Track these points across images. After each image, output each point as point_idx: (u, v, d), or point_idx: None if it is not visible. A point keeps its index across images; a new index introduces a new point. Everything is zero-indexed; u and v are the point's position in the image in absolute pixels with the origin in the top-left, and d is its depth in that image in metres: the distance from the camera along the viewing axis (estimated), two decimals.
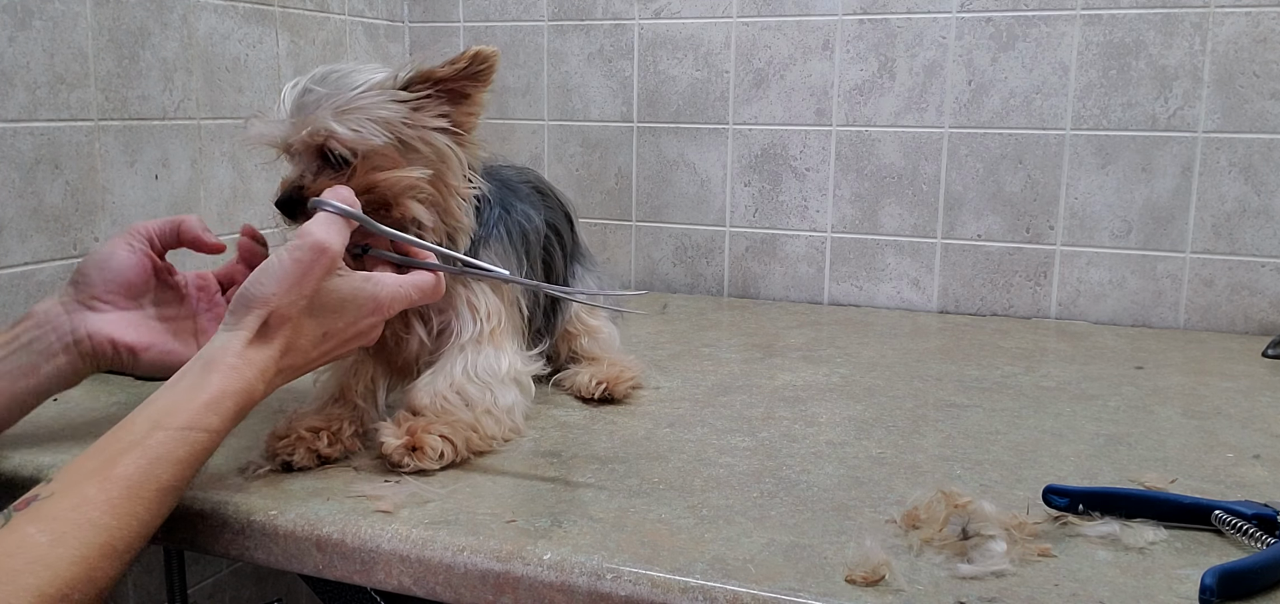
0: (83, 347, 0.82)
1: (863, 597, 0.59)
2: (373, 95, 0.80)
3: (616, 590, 0.61)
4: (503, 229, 0.89)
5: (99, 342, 0.82)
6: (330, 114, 0.78)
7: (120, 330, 0.84)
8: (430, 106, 0.81)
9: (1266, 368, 1.14)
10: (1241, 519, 0.67)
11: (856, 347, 1.21)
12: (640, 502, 0.72)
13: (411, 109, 0.81)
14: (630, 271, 1.59)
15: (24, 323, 0.81)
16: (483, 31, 1.60)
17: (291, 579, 1.34)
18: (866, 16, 1.41)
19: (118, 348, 0.83)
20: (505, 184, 0.92)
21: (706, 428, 0.89)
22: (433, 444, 0.77)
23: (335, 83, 0.80)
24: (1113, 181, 1.34)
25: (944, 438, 0.87)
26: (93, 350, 0.83)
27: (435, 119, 0.82)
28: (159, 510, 0.64)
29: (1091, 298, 1.37)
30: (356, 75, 0.81)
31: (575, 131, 1.58)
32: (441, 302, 0.84)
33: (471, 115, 0.84)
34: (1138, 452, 0.85)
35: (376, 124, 0.79)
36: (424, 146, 0.81)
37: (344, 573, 0.69)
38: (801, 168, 1.47)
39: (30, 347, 0.81)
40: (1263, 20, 1.25)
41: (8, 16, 1.02)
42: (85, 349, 0.82)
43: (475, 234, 0.86)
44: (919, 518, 0.68)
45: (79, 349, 0.82)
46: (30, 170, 1.05)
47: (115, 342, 0.83)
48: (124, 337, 0.83)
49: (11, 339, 0.81)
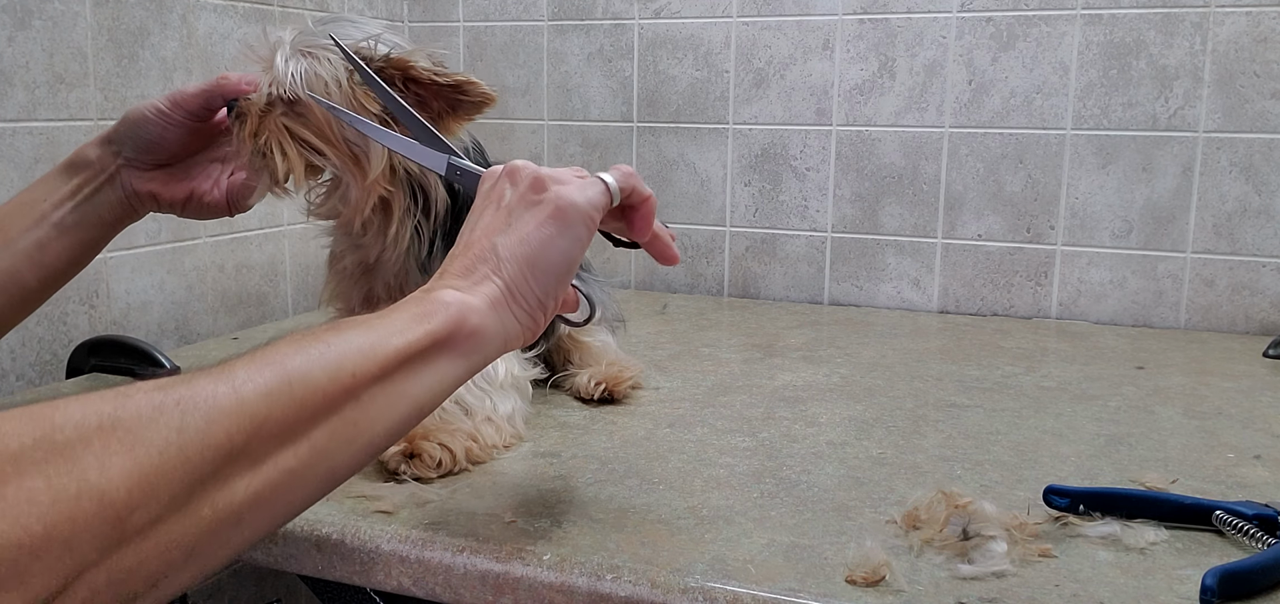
0: (133, 200, 0.89)
1: (863, 597, 0.59)
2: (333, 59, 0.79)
3: (616, 590, 0.61)
4: None
5: (144, 196, 0.89)
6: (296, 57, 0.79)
7: (163, 186, 0.89)
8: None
9: (1267, 368, 1.13)
10: (1242, 519, 0.67)
11: (857, 347, 1.21)
12: (640, 502, 0.72)
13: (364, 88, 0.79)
14: (630, 271, 1.59)
15: (83, 172, 0.87)
16: (483, 31, 1.60)
17: (291, 579, 1.34)
18: (866, 16, 1.41)
19: (160, 201, 0.90)
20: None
21: (706, 428, 0.89)
22: (431, 452, 0.76)
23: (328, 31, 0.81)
24: (1113, 181, 1.34)
25: (944, 438, 0.87)
26: (142, 203, 0.89)
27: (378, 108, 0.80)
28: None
29: (1092, 298, 1.37)
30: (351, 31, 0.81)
31: (575, 131, 1.58)
32: None
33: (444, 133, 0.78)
34: (1138, 452, 0.85)
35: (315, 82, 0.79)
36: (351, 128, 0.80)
37: (344, 573, 0.68)
38: (801, 168, 1.47)
39: (94, 198, 0.87)
40: (1263, 20, 1.25)
41: (7, 16, 1.01)
42: (135, 202, 0.89)
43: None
44: (919, 518, 0.68)
45: (131, 203, 0.89)
46: (30, 170, 1.05)
47: (158, 196, 0.89)
48: (167, 192, 0.90)
49: (76, 191, 0.86)
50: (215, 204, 0.92)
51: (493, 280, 0.61)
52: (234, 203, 0.93)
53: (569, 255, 0.63)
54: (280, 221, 1.38)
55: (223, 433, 0.46)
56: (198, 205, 0.91)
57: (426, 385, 0.57)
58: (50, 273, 0.85)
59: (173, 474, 0.44)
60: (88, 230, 0.86)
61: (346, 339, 0.54)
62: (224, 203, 0.92)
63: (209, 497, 0.46)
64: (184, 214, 0.92)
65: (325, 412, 0.52)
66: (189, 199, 0.91)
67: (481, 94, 0.78)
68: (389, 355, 0.55)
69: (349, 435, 0.53)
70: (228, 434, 0.46)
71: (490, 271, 0.61)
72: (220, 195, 0.92)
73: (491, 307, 0.60)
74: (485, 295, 0.60)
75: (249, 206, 0.93)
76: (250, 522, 0.48)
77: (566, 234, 0.62)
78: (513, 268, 0.61)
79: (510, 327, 0.61)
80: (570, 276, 0.64)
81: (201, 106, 0.87)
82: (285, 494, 0.50)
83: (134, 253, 1.17)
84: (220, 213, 0.93)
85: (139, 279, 1.18)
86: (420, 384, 0.56)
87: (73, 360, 1.06)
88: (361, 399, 0.53)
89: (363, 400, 0.53)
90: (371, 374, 0.54)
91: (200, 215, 0.93)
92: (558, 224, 0.62)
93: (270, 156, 0.82)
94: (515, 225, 0.62)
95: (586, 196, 0.63)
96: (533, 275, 0.61)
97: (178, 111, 0.87)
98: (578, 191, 0.63)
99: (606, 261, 1.58)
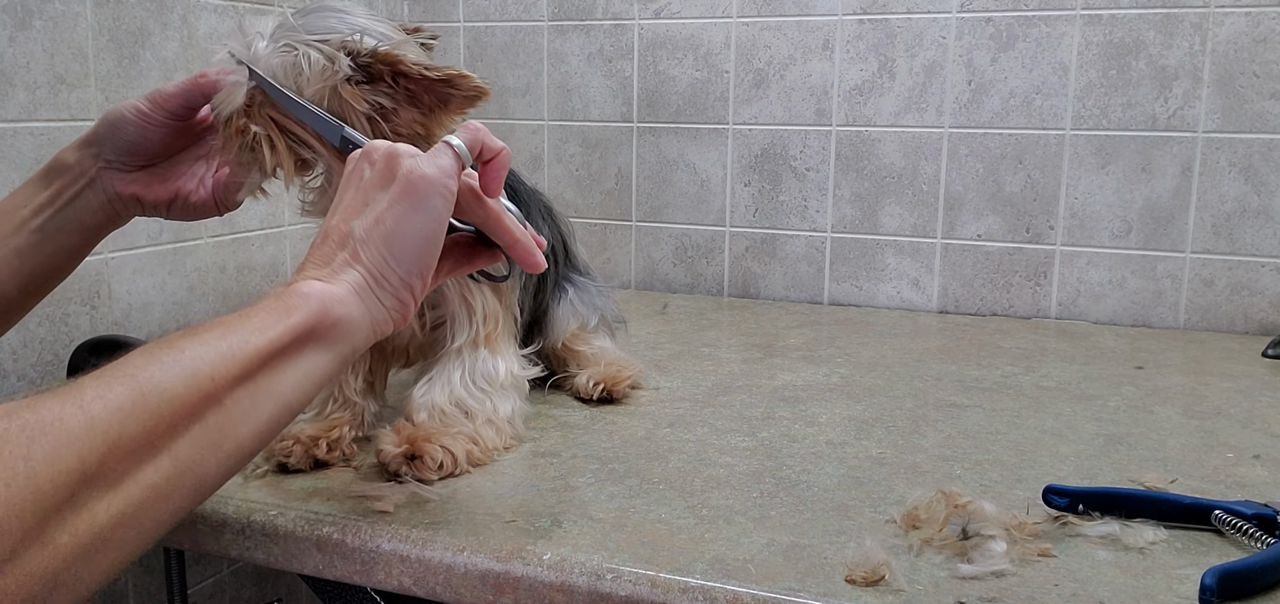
0: (116, 203, 0.85)
1: (863, 597, 0.59)
2: (321, 49, 0.75)
3: (616, 590, 0.61)
4: None
5: (127, 199, 0.85)
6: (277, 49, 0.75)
7: (145, 188, 0.86)
8: (378, 92, 0.75)
9: (1266, 368, 1.14)
10: (1241, 519, 0.67)
11: (856, 347, 1.21)
12: (640, 502, 0.72)
13: (354, 83, 0.75)
14: (630, 271, 1.59)
15: (61, 177, 0.83)
16: (482, 31, 1.60)
17: (291, 579, 1.34)
18: (866, 16, 1.41)
19: (144, 204, 0.86)
20: (520, 197, 0.91)
21: (706, 428, 0.89)
22: (433, 453, 0.76)
23: (313, 21, 0.76)
24: (1113, 181, 1.34)
25: (944, 438, 0.87)
26: (125, 207, 0.86)
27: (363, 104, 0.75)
28: None
29: (1091, 298, 1.37)
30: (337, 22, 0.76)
31: (575, 131, 1.58)
32: (434, 296, 0.83)
33: (432, 128, 0.77)
34: (1138, 452, 0.85)
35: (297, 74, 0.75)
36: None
37: (344, 573, 0.69)
38: (801, 168, 1.47)
39: (75, 203, 0.83)
40: (1263, 20, 1.25)
41: (8, 16, 1.02)
42: (118, 206, 0.85)
43: None
44: (919, 518, 0.68)
45: (113, 206, 0.85)
46: (30, 171, 1.04)
47: (141, 198, 0.86)
48: (150, 194, 0.86)
49: (55, 196, 0.83)
50: (202, 203, 0.89)
51: (354, 267, 0.60)
52: (221, 201, 0.90)
53: (427, 230, 0.62)
54: (281, 222, 1.38)
55: (74, 456, 0.44)
56: (184, 206, 0.88)
57: (293, 382, 0.56)
58: (31, 281, 0.82)
59: (23, 506, 0.42)
60: (70, 236, 0.83)
61: (204, 343, 0.52)
62: (211, 201, 0.89)
63: (66, 523, 0.44)
64: (170, 216, 0.89)
65: (186, 421, 0.50)
66: (174, 200, 0.87)
67: (473, 88, 0.75)
68: (250, 356, 0.53)
69: (214, 442, 0.51)
70: (79, 457, 0.45)
71: (350, 258, 0.60)
72: (206, 194, 0.89)
73: (355, 294, 0.59)
74: (347, 283, 0.59)
75: (237, 203, 0.90)
76: (119, 542, 0.47)
77: (422, 209, 0.61)
78: (372, 251, 0.60)
79: (377, 312, 0.61)
80: (435, 250, 0.63)
81: (182, 105, 0.84)
82: (152, 511, 0.48)
83: (136, 253, 1.17)
84: (209, 212, 0.90)
85: (140, 279, 1.18)
86: (286, 381, 0.55)
87: (74, 360, 1.06)
88: (225, 404, 0.52)
89: (226, 405, 0.52)
90: (233, 377, 0.52)
91: (187, 216, 0.89)
92: (412, 200, 0.61)
93: (259, 151, 0.78)
94: (371, 207, 0.61)
95: (436, 165, 0.62)
96: (393, 256, 0.61)
97: (158, 111, 0.84)
98: (427, 163, 0.62)
99: (607, 262, 1.58)
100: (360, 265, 0.60)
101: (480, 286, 0.84)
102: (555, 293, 0.98)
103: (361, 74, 0.75)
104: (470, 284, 0.84)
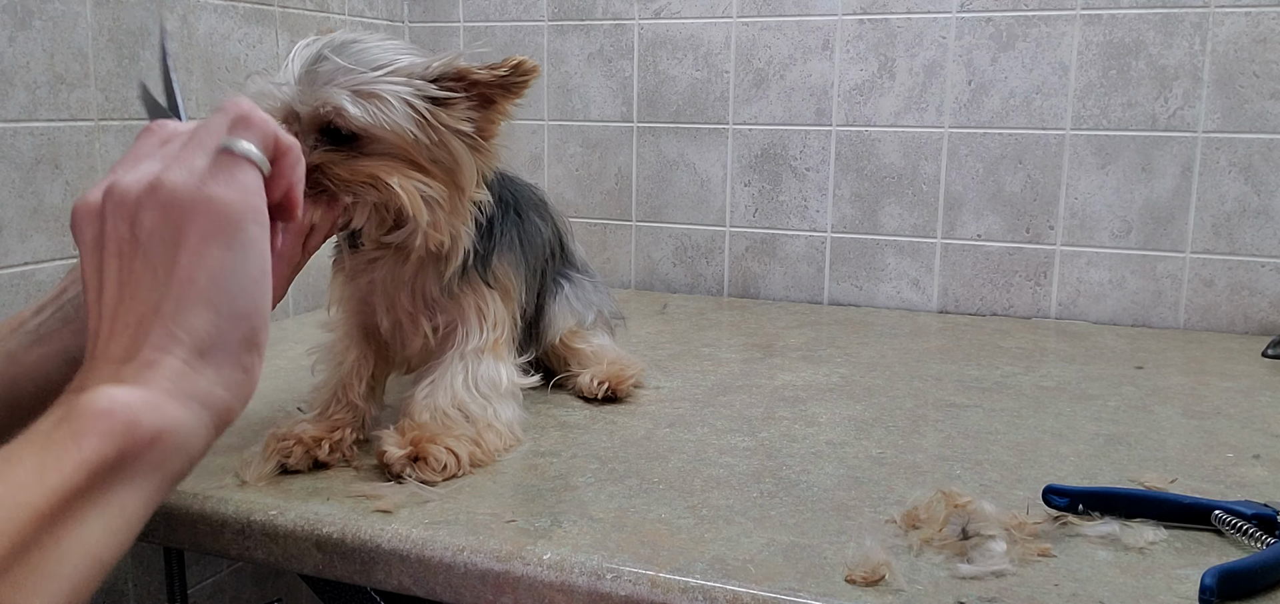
0: None
1: (863, 597, 0.59)
2: (395, 82, 0.73)
3: (616, 590, 0.61)
4: (516, 235, 0.88)
5: None
6: (346, 91, 0.72)
7: None
8: (457, 107, 0.76)
9: (1266, 368, 1.14)
10: (1241, 519, 0.67)
11: (856, 347, 1.21)
12: (640, 502, 0.72)
13: (435, 105, 0.74)
14: (630, 271, 1.59)
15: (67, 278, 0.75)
16: (483, 31, 1.60)
17: (291, 579, 1.34)
18: (866, 16, 1.41)
19: None
20: (519, 194, 0.91)
21: (706, 428, 0.89)
22: (437, 455, 0.76)
23: (355, 56, 0.74)
24: (1112, 181, 1.34)
25: (944, 438, 0.87)
26: None
27: (460, 121, 0.76)
28: None
29: (1091, 298, 1.37)
30: (378, 52, 0.75)
31: (575, 131, 1.58)
32: (444, 302, 0.83)
33: (494, 123, 0.78)
34: (1138, 452, 0.85)
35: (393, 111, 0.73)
36: (438, 148, 0.75)
37: (344, 573, 0.69)
38: (801, 168, 1.47)
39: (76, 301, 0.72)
40: (1263, 20, 1.25)
41: (8, 16, 1.02)
42: None
43: (489, 241, 0.84)
44: (919, 518, 0.68)
45: None
46: (30, 170, 1.05)
47: None
48: None
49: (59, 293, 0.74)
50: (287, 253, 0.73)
51: (168, 355, 0.45)
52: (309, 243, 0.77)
53: (251, 270, 0.48)
54: None
55: None
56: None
57: (104, 530, 0.42)
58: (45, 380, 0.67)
59: None
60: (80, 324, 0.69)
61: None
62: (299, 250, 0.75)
63: None
64: None
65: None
66: None
67: (532, 67, 0.76)
68: (25, 521, 0.39)
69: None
70: None
71: (160, 344, 0.45)
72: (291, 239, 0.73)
73: (175, 393, 0.45)
74: (162, 380, 0.45)
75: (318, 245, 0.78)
76: None
77: (236, 245, 0.47)
78: (192, 324, 0.46)
79: (214, 398, 0.47)
80: (267, 287, 0.49)
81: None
82: None
83: None
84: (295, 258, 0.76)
85: None
86: (92, 533, 0.41)
87: None
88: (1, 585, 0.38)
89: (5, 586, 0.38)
90: (5, 552, 0.38)
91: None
92: (222, 240, 0.47)
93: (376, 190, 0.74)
94: (165, 269, 0.46)
95: (238, 187, 0.48)
96: (222, 318, 0.47)
97: None
98: (224, 187, 0.47)
99: (607, 262, 1.58)
100: (177, 349, 0.46)
101: (493, 294, 0.84)
102: (550, 290, 0.98)
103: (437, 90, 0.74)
104: (485, 290, 0.83)
